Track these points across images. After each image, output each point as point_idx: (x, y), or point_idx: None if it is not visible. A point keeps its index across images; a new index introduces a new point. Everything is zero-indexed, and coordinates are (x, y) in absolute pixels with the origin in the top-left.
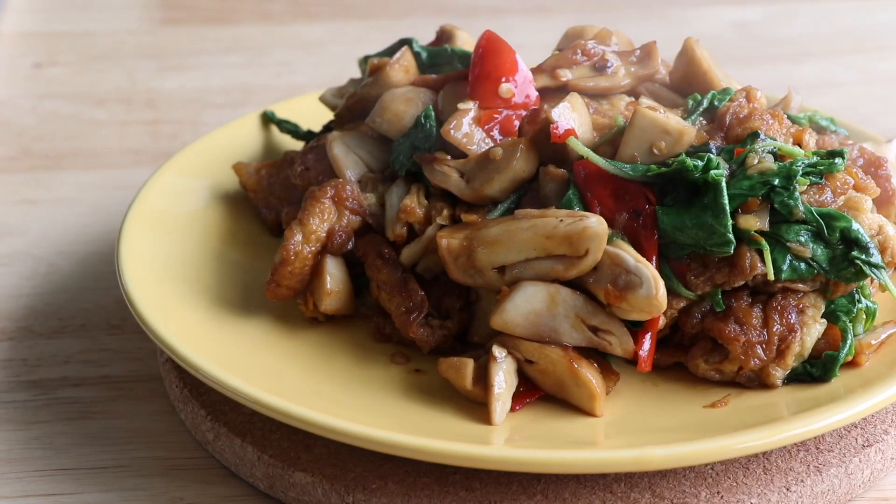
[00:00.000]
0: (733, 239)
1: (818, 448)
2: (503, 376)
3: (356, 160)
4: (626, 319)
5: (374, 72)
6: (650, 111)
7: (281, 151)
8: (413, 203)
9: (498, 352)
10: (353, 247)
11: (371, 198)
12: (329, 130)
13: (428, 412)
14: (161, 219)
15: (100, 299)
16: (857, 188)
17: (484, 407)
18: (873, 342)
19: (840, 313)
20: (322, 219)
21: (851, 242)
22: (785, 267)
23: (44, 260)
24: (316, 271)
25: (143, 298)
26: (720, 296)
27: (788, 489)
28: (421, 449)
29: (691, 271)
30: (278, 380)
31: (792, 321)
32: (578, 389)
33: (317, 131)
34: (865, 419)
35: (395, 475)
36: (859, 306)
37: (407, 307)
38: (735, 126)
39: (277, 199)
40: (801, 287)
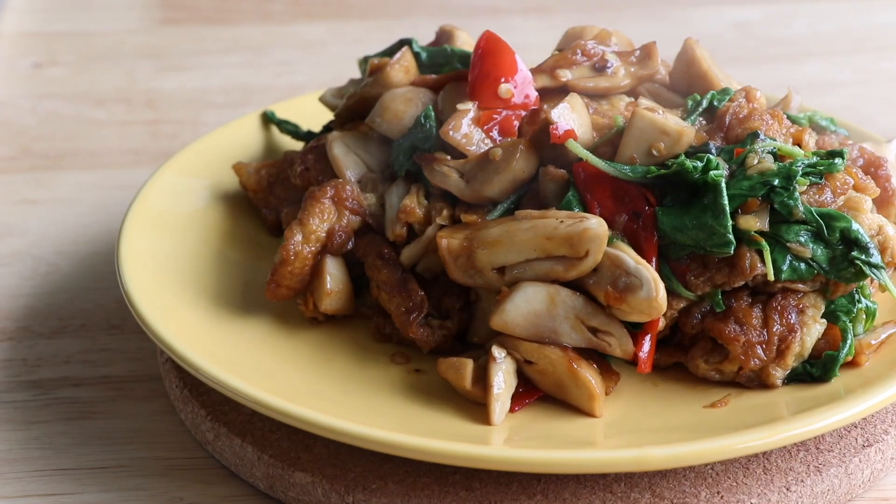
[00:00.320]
0: (733, 239)
1: (818, 448)
2: (502, 377)
3: (356, 160)
4: (626, 321)
5: (375, 72)
6: (648, 112)
7: (281, 151)
8: (413, 203)
9: (497, 352)
10: (353, 247)
11: (371, 198)
12: (329, 130)
13: (428, 412)
14: (161, 219)
15: (100, 299)
16: (857, 188)
17: (484, 407)
18: (873, 342)
19: (840, 313)
20: (322, 219)
21: (851, 243)
22: (785, 267)
23: (44, 260)
24: (316, 271)
25: (143, 298)
26: (720, 296)
27: (788, 489)
28: (421, 449)
29: (691, 272)
30: (278, 380)
31: (792, 321)
32: (578, 390)
33: (317, 132)
34: (865, 419)
35: (395, 475)
36: (859, 306)
37: (407, 307)
38: (735, 126)
39: (277, 199)
40: (801, 287)
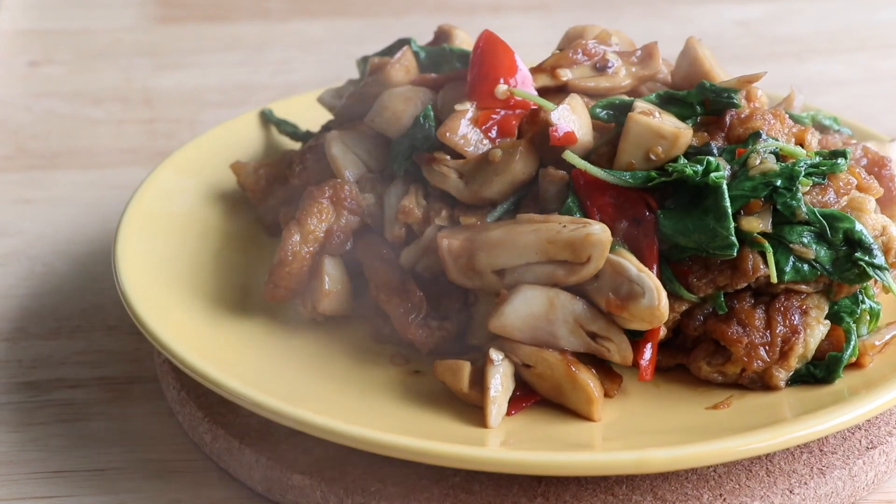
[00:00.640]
0: (736, 242)
1: (822, 450)
2: (500, 380)
3: (355, 160)
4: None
5: (375, 71)
6: (643, 117)
7: (279, 151)
8: (411, 203)
9: (495, 355)
10: (352, 247)
11: (369, 198)
12: (328, 130)
13: (427, 414)
14: (158, 218)
15: (96, 300)
16: (861, 188)
17: (482, 410)
18: (877, 343)
19: (843, 314)
20: (320, 219)
21: (855, 243)
22: (788, 268)
23: (39, 260)
24: (314, 272)
25: (140, 299)
26: (722, 298)
27: (791, 491)
28: (420, 451)
29: (693, 274)
30: (276, 381)
31: (795, 322)
32: (576, 393)
33: (315, 131)
34: (869, 421)
35: (394, 477)
36: (863, 307)
37: (405, 308)
38: (736, 126)
39: (276, 199)
40: (805, 288)
